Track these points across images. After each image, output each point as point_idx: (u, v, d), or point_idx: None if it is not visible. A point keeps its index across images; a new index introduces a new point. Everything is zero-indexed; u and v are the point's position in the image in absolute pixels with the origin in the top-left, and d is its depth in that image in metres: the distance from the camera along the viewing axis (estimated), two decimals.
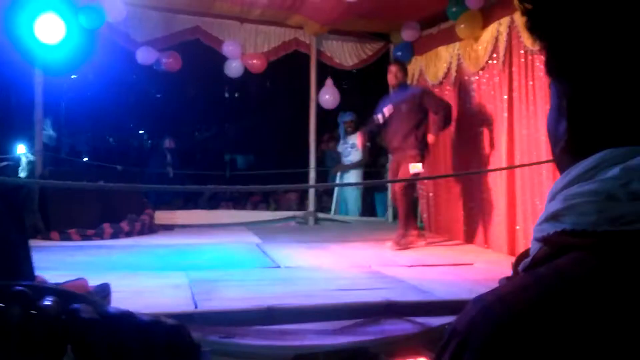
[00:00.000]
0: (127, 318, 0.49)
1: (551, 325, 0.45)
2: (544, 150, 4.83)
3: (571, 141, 0.55)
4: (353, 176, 7.42)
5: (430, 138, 5.37)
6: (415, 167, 5.22)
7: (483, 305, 0.49)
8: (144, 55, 6.52)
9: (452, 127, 6.13)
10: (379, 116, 5.60)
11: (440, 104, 5.42)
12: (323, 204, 8.36)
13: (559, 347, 0.44)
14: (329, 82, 7.23)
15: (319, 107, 7.26)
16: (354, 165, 7.46)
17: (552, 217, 0.52)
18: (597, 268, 0.47)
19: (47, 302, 0.48)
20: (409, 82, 6.04)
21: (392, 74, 5.57)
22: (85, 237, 5.46)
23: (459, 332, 0.49)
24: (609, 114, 0.53)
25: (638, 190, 0.49)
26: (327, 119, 8.00)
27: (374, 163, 7.90)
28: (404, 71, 5.66)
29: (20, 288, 0.48)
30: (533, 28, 0.57)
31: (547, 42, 0.56)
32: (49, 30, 5.54)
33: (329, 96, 7.14)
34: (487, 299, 0.50)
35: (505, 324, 0.47)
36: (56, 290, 0.49)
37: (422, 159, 5.29)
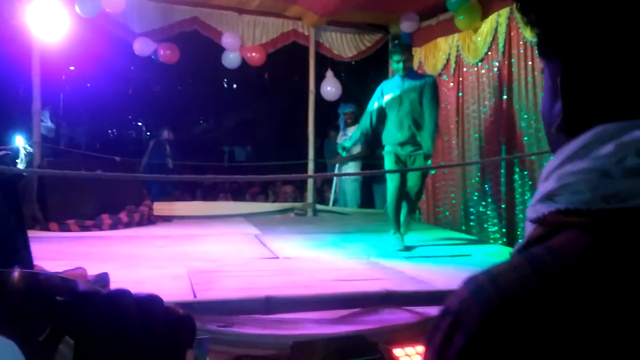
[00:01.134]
0: (124, 294, 0.50)
1: (544, 305, 0.45)
2: (544, 141, 4.84)
3: (566, 119, 0.55)
4: (352, 168, 7.42)
5: (428, 149, 4.80)
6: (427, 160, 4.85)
7: (475, 285, 0.49)
8: (142, 46, 6.51)
9: (451, 118, 6.13)
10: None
11: (434, 114, 4.78)
12: (322, 195, 8.38)
13: (551, 327, 0.44)
14: (329, 73, 7.21)
15: (321, 99, 7.25)
16: (352, 157, 7.46)
17: (546, 197, 0.52)
18: (590, 246, 0.47)
19: (46, 283, 0.48)
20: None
21: (400, 65, 4.79)
22: (84, 228, 5.46)
23: (451, 312, 0.49)
24: (601, 89, 0.52)
25: (633, 167, 0.48)
26: (328, 110, 7.99)
27: (372, 155, 7.90)
28: (410, 54, 4.97)
29: (20, 271, 0.48)
30: (524, 9, 0.57)
31: (539, 22, 0.56)
32: (46, 20, 5.52)
33: (330, 87, 7.12)
34: (478, 278, 0.50)
35: (497, 305, 0.46)
36: (54, 275, 0.50)
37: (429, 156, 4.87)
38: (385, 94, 4.92)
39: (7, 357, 0.43)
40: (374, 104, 5.00)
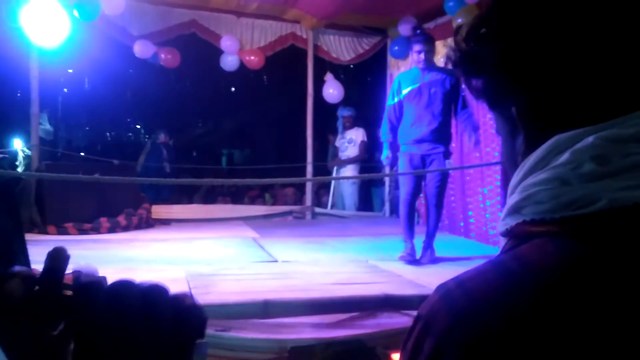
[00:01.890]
0: (127, 285, 0.49)
1: (506, 306, 0.46)
2: None
3: (528, 144, 0.57)
4: (350, 171, 7.42)
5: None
6: (447, 163, 4.45)
7: (444, 291, 0.51)
8: (142, 49, 6.51)
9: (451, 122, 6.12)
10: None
11: (466, 104, 4.37)
12: (320, 198, 8.37)
13: (516, 329, 0.45)
14: (329, 76, 7.21)
15: (320, 102, 7.25)
16: (350, 160, 7.47)
17: (513, 210, 0.54)
18: (554, 252, 0.48)
19: (48, 278, 0.49)
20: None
21: (424, 57, 4.37)
22: (82, 231, 5.45)
23: (422, 317, 0.50)
24: (555, 109, 0.54)
25: (588, 172, 0.49)
26: (327, 113, 8.00)
27: (370, 158, 7.91)
28: (433, 48, 4.52)
29: (21, 268, 0.48)
30: (471, 66, 0.59)
31: (486, 76, 0.58)
32: (44, 23, 5.51)
33: (332, 90, 7.13)
34: (448, 285, 0.51)
35: (463, 308, 0.48)
36: (55, 268, 0.50)
37: (450, 155, 4.49)
38: (404, 87, 4.45)
39: None
40: (393, 98, 4.52)
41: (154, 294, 0.50)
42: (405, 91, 4.44)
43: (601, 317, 0.44)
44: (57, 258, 0.50)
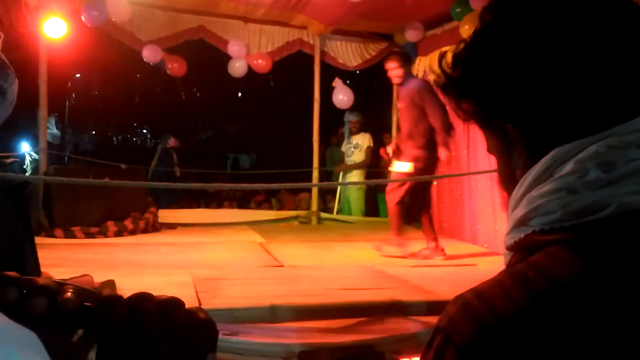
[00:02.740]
0: (146, 298, 0.51)
1: (529, 319, 0.47)
2: None
3: (527, 156, 0.58)
4: (355, 176, 7.42)
5: (442, 154, 4.66)
6: (401, 166, 4.74)
7: (462, 303, 0.51)
8: (150, 54, 6.54)
9: (456, 127, 6.12)
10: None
11: (433, 108, 4.61)
12: (327, 204, 8.37)
13: (541, 343, 0.45)
14: (338, 82, 7.22)
15: (325, 107, 7.26)
16: (357, 166, 7.47)
17: (519, 223, 0.55)
18: (569, 260, 0.49)
19: (69, 293, 0.50)
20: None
21: (390, 73, 4.89)
22: (89, 235, 5.47)
23: (442, 329, 0.51)
24: (553, 123, 0.55)
25: (595, 180, 0.50)
26: (333, 118, 8.01)
27: (377, 163, 7.90)
28: (404, 63, 4.86)
29: (45, 281, 0.50)
30: (463, 90, 0.61)
31: (479, 97, 0.60)
32: (53, 28, 5.56)
33: (342, 96, 7.13)
34: (465, 296, 0.52)
35: (486, 320, 0.48)
36: (72, 284, 0.51)
37: (415, 159, 4.68)
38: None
39: (30, 347, 0.45)
40: None
41: (171, 306, 0.51)
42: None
43: (625, 323, 0.45)
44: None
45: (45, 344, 0.49)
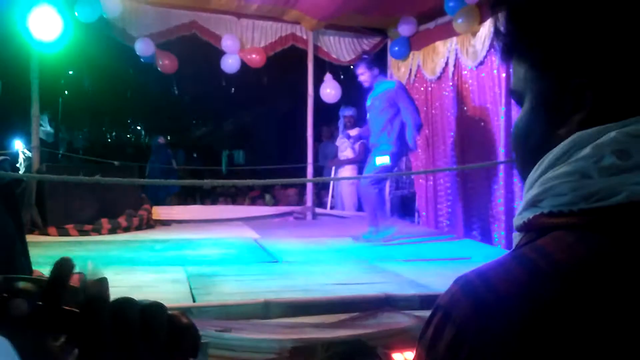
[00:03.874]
0: (128, 303, 0.50)
1: (531, 303, 0.46)
2: None
3: (587, 123, 0.55)
4: (348, 171, 7.42)
5: (411, 146, 5.17)
6: (382, 160, 5.09)
7: (463, 282, 0.51)
8: (143, 47, 6.50)
9: (450, 122, 6.13)
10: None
11: (410, 115, 5.08)
12: (321, 199, 8.38)
13: (539, 324, 0.45)
14: (328, 76, 7.21)
15: (320, 102, 7.25)
16: (349, 161, 7.47)
17: (531, 204, 0.54)
18: (574, 243, 0.49)
19: (51, 294, 0.50)
20: (404, 74, 5.98)
21: (361, 78, 5.36)
22: (83, 233, 5.46)
23: (442, 307, 0.51)
24: (615, 95, 0.54)
25: (609, 166, 0.50)
26: (327, 113, 7.99)
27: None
28: (371, 67, 5.35)
29: (24, 283, 0.49)
30: (525, 34, 0.58)
31: (539, 43, 0.57)
32: (45, 25, 5.53)
33: (330, 90, 7.13)
34: (467, 276, 0.52)
35: (485, 298, 0.48)
36: (57, 283, 0.51)
37: (391, 154, 5.08)
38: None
39: (1, 353, 0.45)
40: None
41: (153, 312, 0.51)
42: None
43: (622, 309, 0.45)
44: (61, 269, 0.51)
45: (26, 348, 0.49)
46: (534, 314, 0.46)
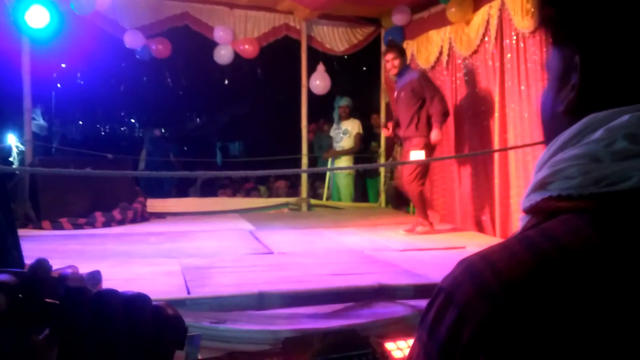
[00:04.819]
0: (111, 293, 0.50)
1: (534, 281, 0.46)
2: (538, 132, 4.85)
3: (577, 105, 0.55)
4: (344, 162, 7.41)
5: (434, 134, 5.01)
6: (417, 155, 5.07)
7: (467, 264, 0.51)
8: (132, 39, 6.46)
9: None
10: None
11: (432, 95, 5.06)
12: (316, 190, 8.37)
13: (543, 307, 0.45)
14: (320, 67, 7.19)
15: (312, 93, 7.23)
16: (345, 152, 7.46)
17: (539, 186, 0.53)
18: (582, 228, 0.48)
19: (32, 286, 0.49)
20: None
21: (390, 64, 5.25)
22: (77, 226, 5.44)
23: (444, 289, 0.50)
24: (610, 75, 0.53)
25: (621, 150, 0.49)
26: (321, 104, 7.98)
27: (365, 149, 7.90)
28: (401, 55, 5.27)
29: (4, 276, 0.48)
30: (544, 9, 0.58)
31: (557, 10, 0.57)
32: (37, 16, 5.49)
33: (319, 82, 7.10)
34: (471, 258, 0.51)
35: (488, 280, 0.47)
36: (37, 276, 0.50)
37: (424, 146, 5.08)
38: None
39: None
40: None
41: (136, 303, 0.50)
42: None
43: (630, 294, 0.44)
44: (41, 263, 0.50)
45: (8, 343, 0.48)
46: (537, 298, 0.45)
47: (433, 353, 0.48)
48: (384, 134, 5.93)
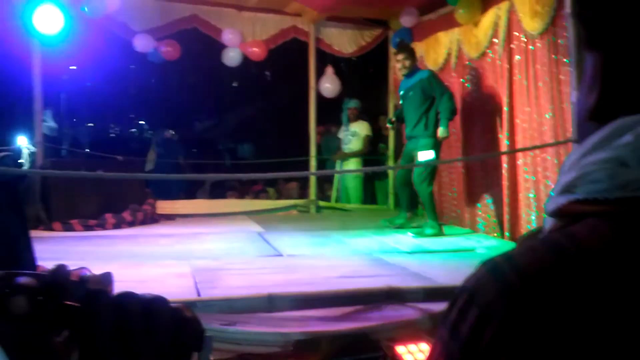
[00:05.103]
0: (130, 297, 0.50)
1: (558, 283, 0.46)
2: (547, 134, 4.83)
3: (599, 107, 0.55)
4: (352, 164, 7.41)
5: (441, 131, 5.13)
6: (426, 155, 5.11)
7: (491, 265, 0.50)
8: (142, 43, 6.50)
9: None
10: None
11: (442, 92, 5.16)
12: (324, 192, 8.37)
13: (564, 304, 0.45)
14: (329, 70, 7.20)
15: (321, 95, 7.24)
16: (354, 154, 7.45)
17: (566, 189, 0.53)
18: (608, 232, 0.48)
19: (52, 289, 0.50)
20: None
21: (400, 64, 5.36)
22: (88, 228, 5.48)
23: (467, 289, 0.50)
24: (633, 83, 0.53)
25: None
26: (330, 106, 7.98)
27: (373, 151, 7.90)
28: (412, 56, 5.40)
29: (25, 279, 0.49)
30: (577, 12, 0.58)
31: (586, 14, 0.57)
32: (48, 20, 5.53)
33: (329, 85, 7.11)
34: (495, 259, 0.51)
35: (512, 282, 0.47)
36: (58, 279, 0.51)
37: (433, 146, 5.17)
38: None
39: None
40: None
41: (155, 305, 0.50)
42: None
43: None
44: (61, 267, 0.51)
45: (29, 345, 0.49)
46: (560, 300, 0.45)
47: (455, 353, 0.49)
48: (388, 126, 6.08)
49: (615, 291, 0.45)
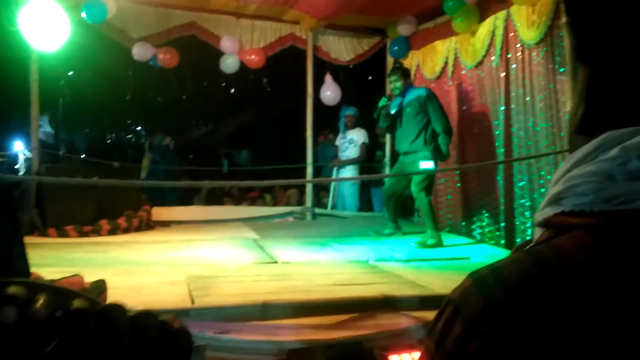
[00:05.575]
0: (117, 309, 0.50)
1: (541, 294, 0.46)
2: (542, 143, 4.85)
3: (585, 121, 0.56)
4: (350, 172, 7.41)
5: (445, 156, 5.21)
6: (427, 165, 5.13)
7: (477, 277, 0.51)
8: (141, 51, 6.51)
9: (451, 123, 6.13)
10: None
11: (439, 121, 5.16)
12: (321, 199, 8.37)
13: (548, 315, 0.45)
14: (328, 78, 7.21)
15: (319, 102, 7.25)
16: (351, 161, 7.46)
17: (553, 201, 0.53)
18: (591, 245, 0.48)
19: (42, 300, 0.49)
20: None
21: (392, 85, 5.45)
22: (83, 234, 5.46)
23: (453, 301, 0.51)
24: (621, 97, 0.54)
25: (634, 169, 0.49)
26: (327, 113, 7.99)
27: (370, 158, 7.90)
28: (405, 75, 5.45)
29: (15, 290, 0.49)
30: (568, 13, 0.59)
31: (576, 26, 0.58)
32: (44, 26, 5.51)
33: (330, 92, 7.12)
34: (481, 271, 0.51)
35: (496, 294, 0.48)
36: (50, 288, 0.50)
37: (433, 157, 5.18)
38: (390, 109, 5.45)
39: None
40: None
41: (143, 317, 0.50)
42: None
43: (632, 312, 0.44)
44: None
45: (16, 355, 0.49)
46: (544, 314, 0.45)
47: None
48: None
49: (599, 304, 0.45)
